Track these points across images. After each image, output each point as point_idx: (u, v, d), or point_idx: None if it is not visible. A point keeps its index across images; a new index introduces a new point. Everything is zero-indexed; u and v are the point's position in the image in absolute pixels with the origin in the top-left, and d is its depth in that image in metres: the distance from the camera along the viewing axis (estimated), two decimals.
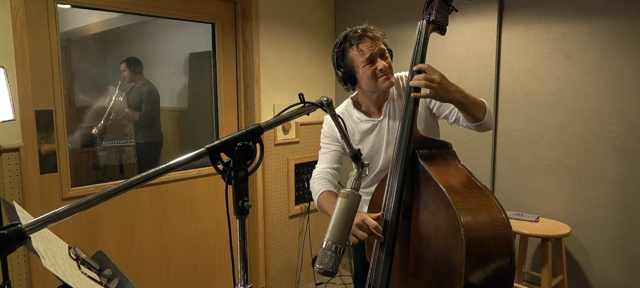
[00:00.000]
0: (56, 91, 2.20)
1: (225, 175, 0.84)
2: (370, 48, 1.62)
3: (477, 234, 1.20)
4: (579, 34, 2.37)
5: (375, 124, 1.71)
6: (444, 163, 1.39)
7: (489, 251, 1.22)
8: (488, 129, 1.60)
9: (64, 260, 0.87)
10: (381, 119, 1.71)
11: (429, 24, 1.44)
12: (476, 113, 1.51)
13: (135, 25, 3.11)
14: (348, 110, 1.80)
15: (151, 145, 3.09)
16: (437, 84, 1.37)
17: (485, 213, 1.25)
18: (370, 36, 1.63)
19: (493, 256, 1.22)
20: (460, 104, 1.46)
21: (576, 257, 2.49)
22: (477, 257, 1.19)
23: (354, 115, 1.76)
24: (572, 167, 2.44)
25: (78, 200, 0.70)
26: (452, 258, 1.21)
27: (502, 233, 1.23)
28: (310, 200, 3.27)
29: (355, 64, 1.66)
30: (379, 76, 1.62)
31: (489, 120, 1.56)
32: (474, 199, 1.28)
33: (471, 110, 1.49)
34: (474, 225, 1.20)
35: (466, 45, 2.72)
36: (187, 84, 3.27)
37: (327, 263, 1.08)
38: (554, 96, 2.47)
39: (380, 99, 1.72)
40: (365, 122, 1.73)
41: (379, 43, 1.64)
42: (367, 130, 1.72)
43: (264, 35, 2.94)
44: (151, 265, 2.64)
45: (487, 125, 1.56)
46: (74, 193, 2.30)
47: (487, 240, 1.22)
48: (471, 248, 1.18)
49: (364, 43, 1.63)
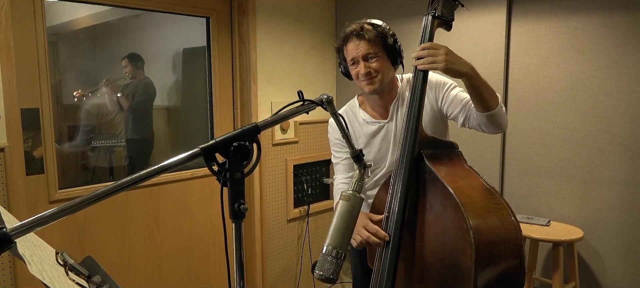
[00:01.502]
0: (43, 88, 2.20)
1: (221, 177, 0.84)
2: (353, 50, 1.61)
3: (487, 237, 1.20)
4: (593, 28, 2.37)
5: (382, 126, 1.70)
6: (450, 164, 1.40)
7: (499, 255, 1.22)
8: (499, 127, 1.53)
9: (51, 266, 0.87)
10: (388, 121, 1.69)
11: (434, 19, 1.44)
12: (489, 99, 1.46)
13: (126, 19, 3.11)
14: (353, 110, 1.79)
15: (142, 143, 3.09)
16: (442, 56, 1.36)
17: (495, 216, 1.25)
18: (355, 36, 1.60)
19: (503, 260, 1.22)
20: (471, 79, 1.41)
21: (589, 262, 2.49)
22: (486, 261, 1.19)
23: (359, 116, 1.75)
24: (585, 168, 2.44)
25: (66, 203, 0.70)
26: (461, 263, 1.21)
27: (511, 236, 1.24)
28: (309, 203, 3.28)
29: (347, 61, 1.68)
30: (362, 80, 1.62)
31: (501, 114, 1.50)
32: (483, 201, 1.28)
33: (483, 91, 1.44)
34: (484, 228, 1.21)
35: (473, 41, 2.72)
36: (180, 81, 3.27)
37: (327, 270, 1.08)
38: (565, 94, 2.47)
39: (384, 99, 1.70)
40: (371, 124, 1.72)
41: (365, 45, 1.59)
42: (373, 132, 1.71)
43: (261, 30, 2.94)
44: (143, 271, 2.64)
45: (498, 119, 1.50)
46: (61, 195, 2.30)
47: (496, 243, 1.22)
48: (480, 252, 1.18)
49: (349, 44, 1.63)
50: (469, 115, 1.57)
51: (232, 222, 0.86)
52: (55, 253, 0.97)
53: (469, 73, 1.40)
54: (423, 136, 1.42)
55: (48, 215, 0.68)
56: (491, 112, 1.48)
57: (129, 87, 3.03)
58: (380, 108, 1.72)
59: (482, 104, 1.47)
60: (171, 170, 0.80)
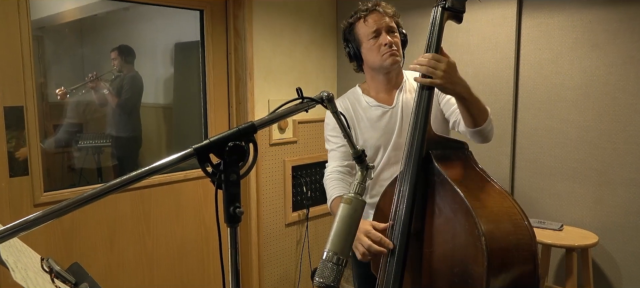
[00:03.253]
0: (27, 85, 2.20)
1: (215, 179, 0.83)
2: (376, 21, 1.68)
3: (499, 244, 1.20)
4: (608, 22, 2.37)
5: (386, 111, 1.74)
6: (460, 165, 1.39)
7: (512, 262, 1.22)
8: (486, 140, 1.61)
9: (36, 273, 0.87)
10: (393, 107, 1.74)
11: (444, 10, 1.43)
12: (477, 117, 1.51)
13: (114, 12, 3.11)
14: (355, 95, 1.83)
15: (130, 141, 3.09)
16: (441, 72, 1.38)
17: (507, 221, 1.25)
18: (379, 10, 1.70)
19: (516, 267, 1.22)
20: (463, 100, 1.46)
21: (604, 269, 2.49)
22: (499, 268, 1.19)
23: (363, 100, 1.79)
24: (600, 169, 2.44)
25: (52, 206, 0.70)
26: (472, 271, 1.21)
27: (525, 242, 1.23)
28: (309, 207, 3.28)
29: (361, 37, 1.71)
30: (383, 52, 1.66)
31: (488, 130, 1.57)
32: (495, 205, 1.28)
33: (473, 111, 1.49)
34: (496, 234, 1.20)
35: (482, 34, 2.72)
36: (172, 78, 3.26)
37: (327, 277, 1.08)
38: (579, 91, 2.47)
39: (391, 83, 1.75)
40: (375, 108, 1.76)
41: (389, 19, 1.70)
42: (377, 116, 1.75)
43: (258, 24, 2.94)
44: (133, 278, 2.64)
45: (485, 134, 1.57)
46: (47, 198, 2.30)
47: (510, 250, 1.21)
48: (493, 259, 1.17)
49: (371, 15, 1.70)
50: (458, 121, 1.64)
51: (227, 227, 0.86)
52: (40, 259, 0.97)
53: (463, 95, 1.44)
54: (431, 135, 1.40)
55: (33, 219, 0.67)
56: (477, 129, 1.54)
57: (115, 82, 3.03)
58: (385, 94, 1.77)
59: (470, 120, 1.53)
60: (163, 171, 0.80)
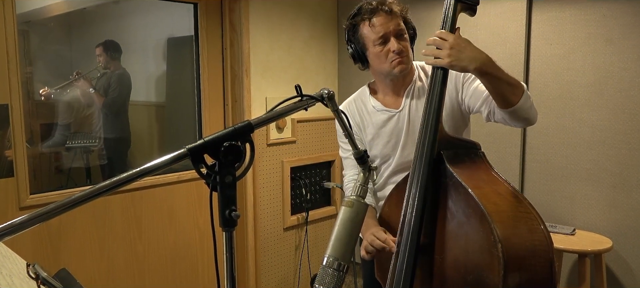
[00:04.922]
0: (12, 82, 2.20)
1: (210, 181, 0.84)
2: (383, 24, 1.60)
3: (516, 251, 1.18)
4: (622, 16, 2.37)
5: (392, 115, 1.70)
6: (473, 167, 1.37)
7: (529, 270, 1.20)
8: (526, 121, 1.51)
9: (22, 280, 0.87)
10: (400, 110, 1.69)
11: (457, 2, 1.41)
12: (509, 93, 1.42)
13: (104, 5, 3.11)
14: (362, 98, 1.79)
15: (117, 141, 3.09)
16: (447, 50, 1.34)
17: (524, 226, 1.23)
18: (385, 10, 1.60)
19: (533, 275, 1.20)
20: (485, 76, 1.38)
21: (619, 275, 2.49)
22: (515, 276, 1.17)
23: (369, 103, 1.75)
24: (614, 171, 2.44)
25: (38, 209, 0.70)
26: (486, 279, 1.20)
27: (542, 248, 1.22)
28: (308, 210, 3.28)
29: (367, 41, 1.64)
30: (392, 59, 1.60)
31: (527, 107, 1.46)
32: (511, 209, 1.26)
33: (502, 87, 1.41)
34: (513, 240, 1.19)
35: (491, 29, 2.72)
36: (165, 75, 3.27)
37: (328, 283, 1.08)
38: (592, 88, 2.47)
39: (399, 86, 1.70)
40: (381, 113, 1.71)
41: (397, 19, 1.61)
42: (382, 121, 1.71)
43: (254, 18, 2.94)
44: (123, 285, 2.64)
45: (525, 113, 1.47)
46: (33, 201, 2.30)
47: (526, 257, 1.20)
48: (509, 267, 1.16)
49: (377, 17, 1.60)
50: (492, 109, 1.53)
51: (222, 231, 0.86)
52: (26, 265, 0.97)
53: (482, 69, 1.37)
54: (443, 135, 1.38)
55: (18, 223, 0.68)
56: (512, 108, 1.44)
57: (102, 80, 3.03)
58: (392, 95, 1.72)
59: (501, 100, 1.44)
60: (155, 172, 0.80)
